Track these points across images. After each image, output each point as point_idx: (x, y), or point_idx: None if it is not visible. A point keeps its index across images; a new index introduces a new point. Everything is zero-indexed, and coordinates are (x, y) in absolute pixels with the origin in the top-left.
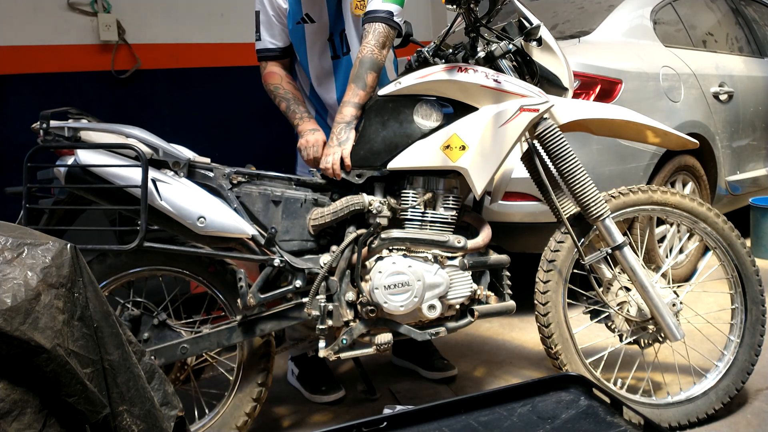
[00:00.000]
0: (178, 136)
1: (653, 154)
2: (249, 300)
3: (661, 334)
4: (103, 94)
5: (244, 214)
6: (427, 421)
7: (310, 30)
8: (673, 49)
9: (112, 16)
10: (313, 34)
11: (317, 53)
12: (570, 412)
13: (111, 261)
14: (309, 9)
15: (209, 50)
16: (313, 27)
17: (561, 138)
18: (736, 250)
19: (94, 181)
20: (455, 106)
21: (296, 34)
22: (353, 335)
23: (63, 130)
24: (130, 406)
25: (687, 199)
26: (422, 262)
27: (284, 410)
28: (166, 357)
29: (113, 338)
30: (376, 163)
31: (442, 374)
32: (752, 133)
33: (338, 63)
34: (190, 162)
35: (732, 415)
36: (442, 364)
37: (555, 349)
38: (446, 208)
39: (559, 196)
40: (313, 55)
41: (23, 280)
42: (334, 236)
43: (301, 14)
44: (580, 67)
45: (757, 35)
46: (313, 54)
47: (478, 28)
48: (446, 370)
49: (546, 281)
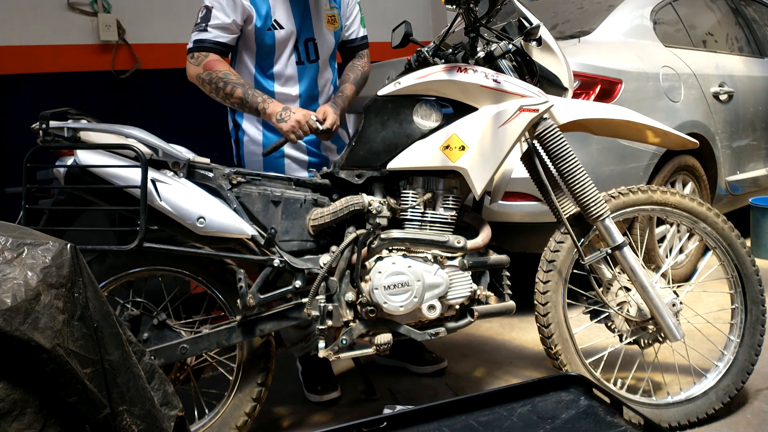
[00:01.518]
0: (178, 136)
1: (653, 154)
2: (249, 300)
3: (661, 334)
4: (103, 94)
5: (244, 215)
6: (427, 421)
7: (279, 36)
8: (673, 49)
9: (112, 16)
10: (282, 40)
11: (285, 58)
12: (570, 412)
13: (111, 261)
14: (278, 17)
15: None
16: (281, 33)
17: (561, 138)
18: (736, 250)
19: (93, 182)
20: (455, 106)
21: (268, 39)
22: (353, 335)
23: (62, 131)
24: (130, 406)
25: (687, 199)
26: (422, 263)
27: (284, 410)
28: (166, 357)
29: (113, 338)
30: (376, 163)
31: (435, 367)
32: (752, 133)
33: (303, 68)
34: (189, 162)
35: (732, 415)
36: (432, 357)
37: (555, 349)
38: (446, 209)
39: (559, 196)
40: (281, 60)
41: (23, 280)
42: (333, 236)
43: (271, 21)
44: (580, 67)
45: (757, 35)
46: (280, 58)
47: (478, 28)
48: (437, 363)
49: (546, 281)
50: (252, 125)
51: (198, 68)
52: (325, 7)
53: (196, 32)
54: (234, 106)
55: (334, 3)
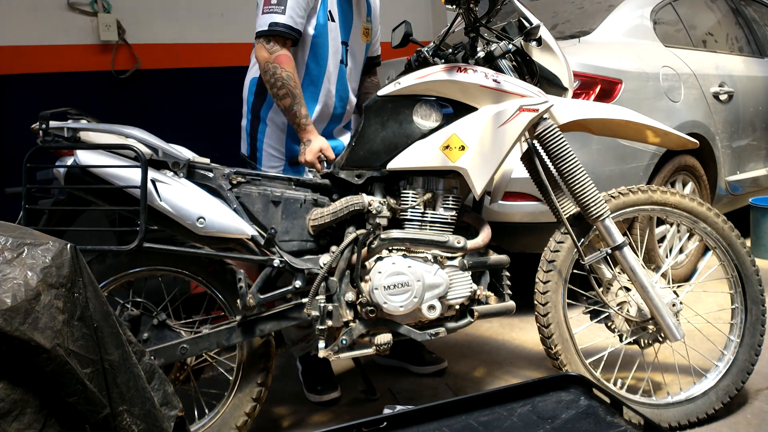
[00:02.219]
0: (178, 136)
1: (653, 154)
2: (249, 300)
3: (661, 334)
4: (103, 94)
5: (244, 215)
6: (427, 421)
7: (332, 28)
8: (673, 49)
9: (112, 16)
10: (334, 33)
11: (334, 53)
12: (570, 412)
13: (111, 261)
14: (331, 7)
15: (209, 50)
16: (333, 26)
17: (561, 138)
18: (736, 250)
19: (93, 182)
20: (455, 106)
21: (324, 30)
22: (353, 336)
23: (62, 131)
24: (130, 406)
25: (687, 199)
26: (422, 263)
27: (284, 410)
28: (166, 357)
29: (113, 338)
30: (376, 163)
31: (435, 368)
32: (752, 133)
33: (341, 68)
34: (189, 162)
35: (732, 415)
36: (432, 358)
37: (555, 349)
38: (446, 209)
39: (559, 196)
40: (333, 54)
41: (23, 280)
42: (333, 236)
43: (326, 13)
44: (580, 67)
45: (757, 35)
46: (333, 52)
47: (478, 28)
48: (437, 364)
49: (546, 281)
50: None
51: (269, 56)
52: (363, 19)
53: (272, 13)
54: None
55: (369, 17)
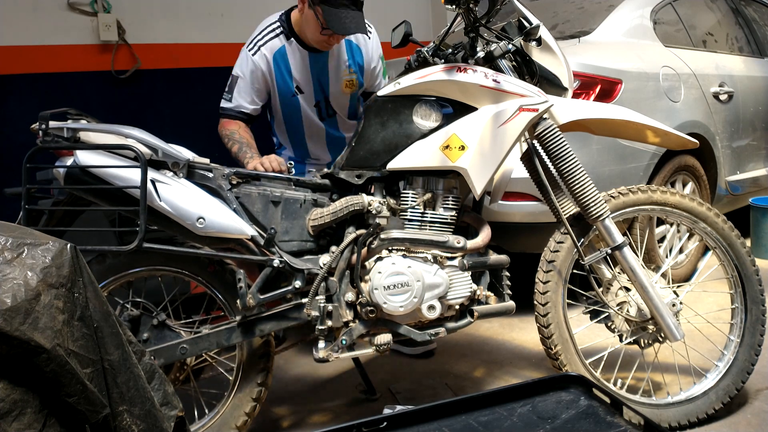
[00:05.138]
0: (178, 136)
1: (653, 154)
2: (248, 300)
3: (661, 334)
4: (103, 94)
5: (244, 215)
6: (427, 421)
7: (302, 99)
8: (673, 49)
9: (112, 16)
10: (305, 102)
11: (310, 117)
12: (570, 412)
13: (110, 261)
14: (298, 83)
15: (209, 50)
16: (304, 97)
17: (560, 138)
18: (736, 250)
19: (93, 182)
20: (455, 106)
21: (293, 105)
22: (353, 336)
23: (62, 131)
24: (130, 406)
25: (687, 199)
26: (422, 263)
27: (284, 410)
28: (166, 357)
29: (113, 338)
30: (376, 163)
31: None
32: (752, 133)
33: (325, 123)
34: (189, 162)
35: (732, 415)
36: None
37: (555, 350)
38: (446, 209)
39: (559, 196)
40: (308, 119)
41: (23, 280)
42: (333, 237)
43: (293, 88)
44: (580, 67)
45: (757, 35)
46: (307, 118)
47: (478, 28)
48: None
49: (546, 281)
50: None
51: (221, 127)
52: (344, 73)
53: (223, 99)
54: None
55: (353, 68)
